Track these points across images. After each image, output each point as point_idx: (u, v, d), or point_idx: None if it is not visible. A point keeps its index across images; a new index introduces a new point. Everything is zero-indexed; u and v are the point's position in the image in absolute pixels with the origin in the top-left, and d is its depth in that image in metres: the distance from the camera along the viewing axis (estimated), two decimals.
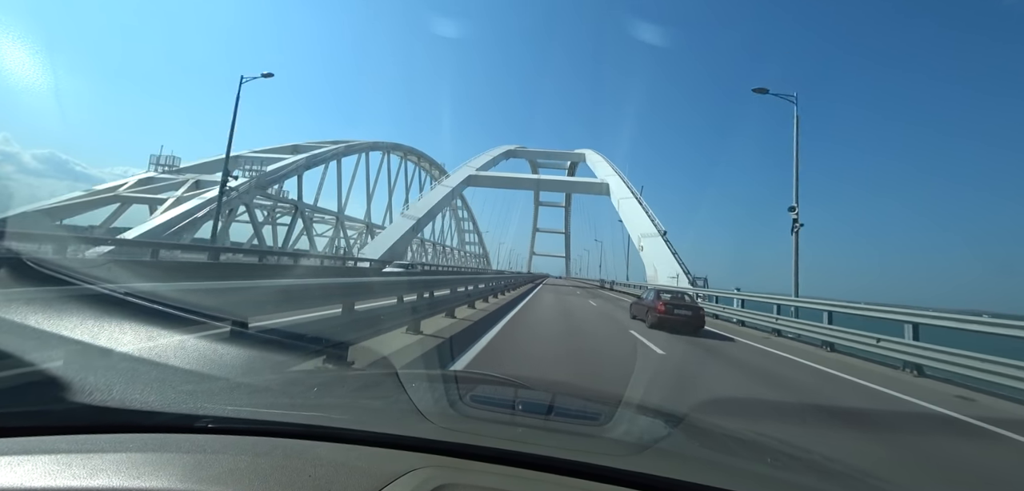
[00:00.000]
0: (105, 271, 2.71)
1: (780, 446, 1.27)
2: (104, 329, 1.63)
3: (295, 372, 2.43)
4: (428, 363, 4.54)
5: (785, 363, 6.92)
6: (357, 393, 1.34)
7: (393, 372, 1.38)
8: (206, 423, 0.77)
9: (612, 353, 6.32)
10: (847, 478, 1.11)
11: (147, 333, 1.79)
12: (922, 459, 3.18)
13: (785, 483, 0.86)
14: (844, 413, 4.30)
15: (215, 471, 0.63)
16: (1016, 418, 4.65)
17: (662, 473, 0.73)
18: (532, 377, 3.97)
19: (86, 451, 0.66)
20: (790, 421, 3.77)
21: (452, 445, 0.78)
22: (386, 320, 4.73)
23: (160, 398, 0.85)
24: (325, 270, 11.90)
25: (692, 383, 5.03)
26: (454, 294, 8.24)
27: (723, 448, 1.20)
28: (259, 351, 2.45)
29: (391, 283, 5.80)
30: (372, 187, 40.40)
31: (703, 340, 8.62)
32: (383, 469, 0.66)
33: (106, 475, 0.60)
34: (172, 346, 1.86)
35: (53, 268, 2.19)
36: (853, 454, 3.02)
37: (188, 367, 1.75)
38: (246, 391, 1.15)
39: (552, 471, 0.71)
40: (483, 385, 1.58)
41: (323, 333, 3.26)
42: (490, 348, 5.70)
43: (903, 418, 4.45)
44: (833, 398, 4.82)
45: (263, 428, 0.80)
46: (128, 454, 0.66)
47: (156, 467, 0.63)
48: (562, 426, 1.21)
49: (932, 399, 5.14)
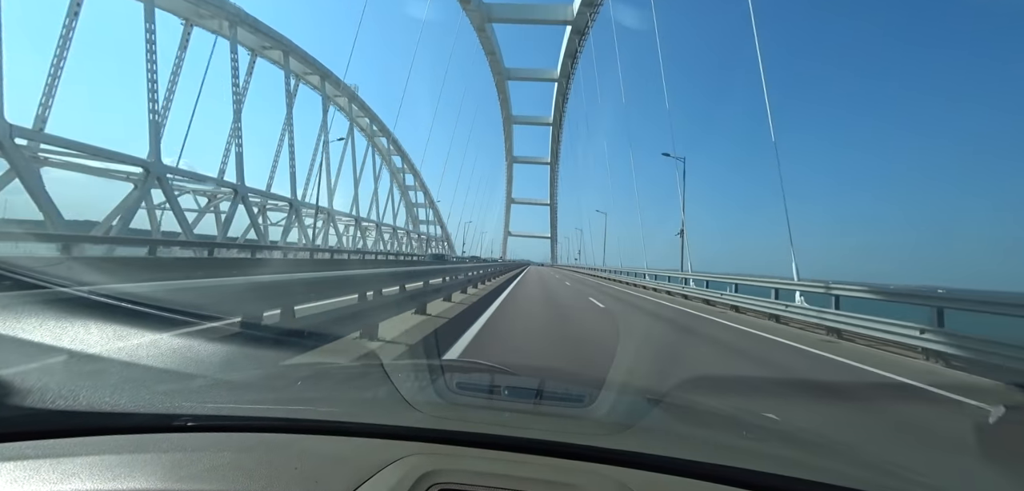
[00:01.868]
0: (65, 269, 2.56)
1: (755, 419, 1.34)
2: (67, 331, 1.54)
3: (278, 367, 2.38)
4: (414, 354, 4.53)
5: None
6: (343, 386, 1.33)
7: (379, 363, 1.37)
8: (185, 422, 0.75)
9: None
10: (814, 445, 1.19)
11: (115, 333, 1.71)
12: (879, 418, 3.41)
13: (759, 453, 0.90)
14: (804, 384, 4.58)
15: (196, 469, 0.62)
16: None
17: (645, 450, 0.75)
18: (518, 364, 4.02)
19: (55, 456, 0.63)
20: (764, 395, 3.97)
21: (440, 433, 0.78)
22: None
23: (132, 400, 0.82)
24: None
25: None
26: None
27: (702, 423, 1.25)
28: (238, 347, 2.38)
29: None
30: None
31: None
32: (371, 459, 0.66)
33: (78, 479, 0.58)
34: (144, 346, 1.79)
35: (8, 269, 2.05)
36: (825, 423, 3.21)
37: (162, 366, 1.69)
38: (226, 388, 1.12)
39: (539, 453, 0.73)
40: (470, 373, 1.59)
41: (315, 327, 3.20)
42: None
43: (868, 387, 4.75)
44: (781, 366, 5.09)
45: (246, 424, 0.78)
46: (102, 457, 0.63)
47: (133, 468, 0.61)
48: (548, 409, 1.23)
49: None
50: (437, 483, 0.61)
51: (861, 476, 0.83)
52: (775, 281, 10.40)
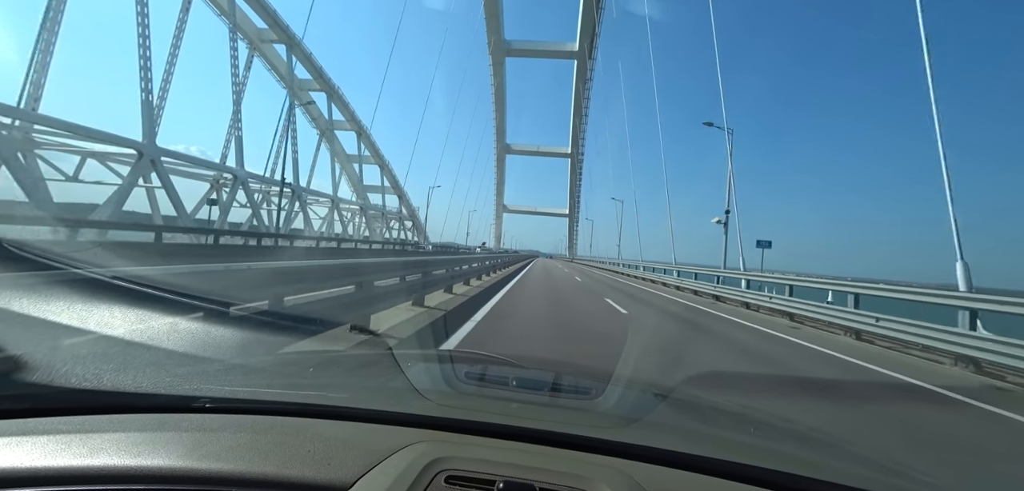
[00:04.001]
0: (90, 255, 2.65)
1: (764, 417, 1.33)
2: (92, 314, 1.61)
3: (290, 353, 2.44)
4: (422, 343, 4.59)
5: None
6: (354, 372, 1.36)
7: (389, 352, 1.39)
8: (204, 403, 0.78)
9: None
10: (826, 445, 1.18)
11: (138, 317, 1.78)
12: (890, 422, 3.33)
13: (766, 451, 0.90)
14: (810, 382, 4.48)
15: (215, 448, 0.64)
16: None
17: (650, 444, 0.76)
18: (526, 356, 4.04)
19: (85, 431, 0.66)
20: (775, 394, 3.91)
21: (448, 421, 0.79)
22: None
23: (153, 381, 0.85)
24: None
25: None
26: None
27: (709, 420, 1.25)
28: (252, 333, 2.44)
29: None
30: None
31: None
32: (382, 444, 0.68)
33: (107, 454, 0.61)
34: (164, 330, 1.85)
35: (34, 252, 2.14)
36: (835, 424, 3.16)
37: (182, 350, 1.75)
38: (241, 372, 1.15)
39: (546, 444, 0.74)
40: (478, 363, 1.61)
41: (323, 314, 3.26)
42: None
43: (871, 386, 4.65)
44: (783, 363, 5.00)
45: (261, 407, 0.81)
46: (127, 434, 0.66)
47: (156, 446, 0.64)
48: (555, 401, 1.24)
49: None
50: (445, 470, 0.62)
51: (868, 476, 0.82)
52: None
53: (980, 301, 5.90)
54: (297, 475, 0.60)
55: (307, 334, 3.19)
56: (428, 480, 0.60)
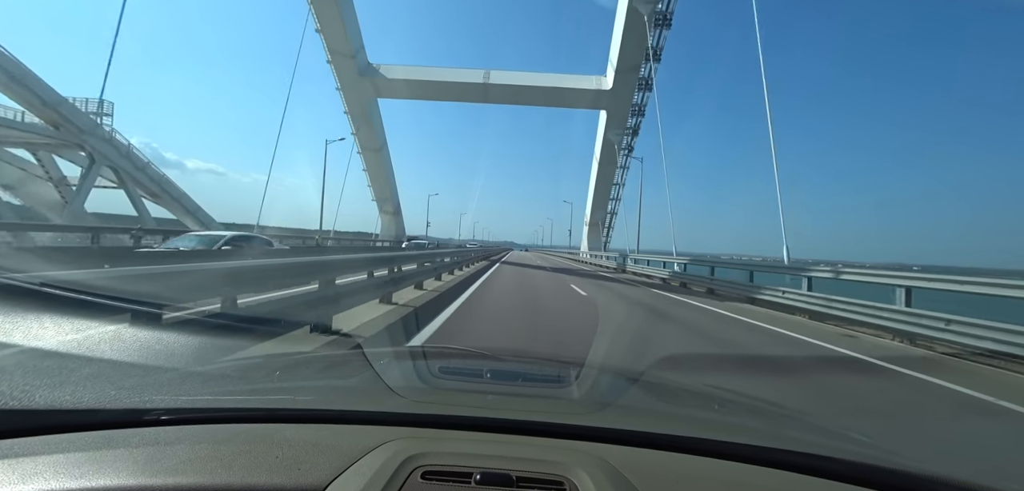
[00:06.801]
0: (4, 258, 2.38)
1: (725, 394, 1.42)
2: (18, 325, 1.44)
3: (254, 357, 2.32)
4: (394, 339, 4.50)
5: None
6: (322, 374, 1.31)
7: (359, 351, 1.35)
8: (157, 415, 0.72)
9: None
10: (780, 417, 1.27)
11: (73, 326, 1.61)
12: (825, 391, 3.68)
13: (729, 426, 0.96)
14: (766, 360, 4.88)
15: (171, 463, 0.60)
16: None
17: (624, 426, 0.79)
18: (498, 348, 4.07)
19: (13, 456, 0.59)
20: (730, 372, 4.20)
21: (423, 417, 0.78)
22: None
23: (97, 395, 0.78)
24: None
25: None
26: None
27: (677, 400, 1.32)
28: (209, 337, 2.29)
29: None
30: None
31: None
32: (354, 445, 0.66)
33: (41, 478, 0.55)
34: (106, 338, 1.69)
35: None
36: (783, 395, 3.43)
37: (129, 360, 1.61)
38: (200, 380, 1.08)
39: (522, 433, 0.75)
40: (451, 357, 1.60)
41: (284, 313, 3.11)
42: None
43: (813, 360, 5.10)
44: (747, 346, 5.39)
45: (223, 415, 0.76)
46: (66, 454, 0.60)
47: (101, 464, 0.58)
48: (530, 390, 1.25)
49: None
50: (421, 466, 0.61)
51: (816, 441, 0.90)
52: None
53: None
54: (265, 483, 0.57)
55: (268, 336, 3.04)
56: (404, 477, 0.59)
